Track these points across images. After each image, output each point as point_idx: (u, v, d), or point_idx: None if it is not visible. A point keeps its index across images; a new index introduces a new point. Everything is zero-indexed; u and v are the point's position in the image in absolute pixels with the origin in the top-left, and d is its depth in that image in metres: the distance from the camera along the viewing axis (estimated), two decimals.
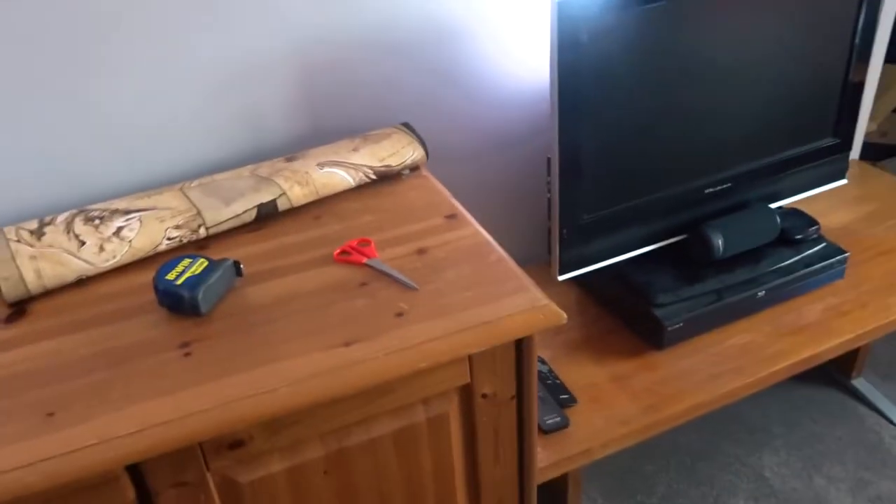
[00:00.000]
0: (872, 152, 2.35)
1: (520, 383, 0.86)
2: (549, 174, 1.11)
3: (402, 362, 0.75)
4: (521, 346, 0.83)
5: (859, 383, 1.65)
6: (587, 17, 0.98)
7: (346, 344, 0.76)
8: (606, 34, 1.01)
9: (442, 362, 0.77)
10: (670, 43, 1.07)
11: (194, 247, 0.94)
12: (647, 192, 1.18)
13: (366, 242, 0.92)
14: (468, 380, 0.82)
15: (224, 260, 0.85)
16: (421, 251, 0.90)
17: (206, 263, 0.84)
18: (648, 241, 1.22)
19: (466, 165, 1.29)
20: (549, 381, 1.13)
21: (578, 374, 1.16)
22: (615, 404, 1.10)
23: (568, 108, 1.03)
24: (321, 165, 1.01)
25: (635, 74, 1.07)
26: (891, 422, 1.57)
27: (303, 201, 0.99)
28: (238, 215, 0.95)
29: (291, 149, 1.12)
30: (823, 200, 1.48)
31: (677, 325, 1.16)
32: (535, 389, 0.87)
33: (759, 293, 1.22)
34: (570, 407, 1.10)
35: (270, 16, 1.03)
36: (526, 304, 0.80)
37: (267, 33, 1.04)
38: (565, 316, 0.80)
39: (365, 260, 0.89)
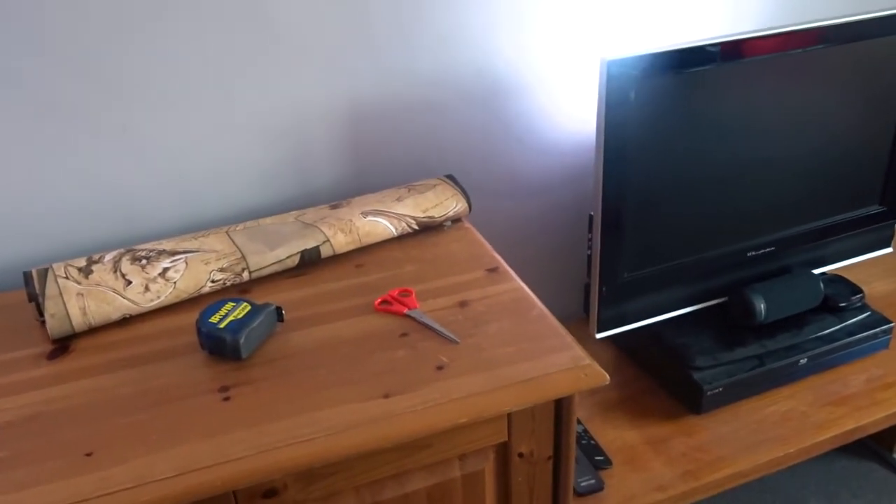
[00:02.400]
0: None
1: (557, 444, 0.84)
2: (590, 231, 1.11)
3: (441, 417, 0.74)
4: (560, 406, 0.82)
5: None
6: (635, 77, 0.99)
7: (386, 395, 0.76)
8: (653, 94, 1.02)
9: (481, 418, 0.75)
10: (717, 105, 1.08)
11: (237, 290, 0.95)
12: (688, 253, 1.17)
13: (407, 293, 0.92)
14: (506, 438, 0.81)
15: (267, 305, 0.85)
16: (462, 304, 0.90)
17: (248, 308, 0.84)
18: (689, 302, 1.20)
19: (505, 214, 1.29)
20: (584, 442, 1.11)
21: (614, 435, 1.14)
22: (651, 469, 1.07)
23: (612, 165, 1.03)
24: (365, 214, 1.02)
25: (680, 135, 1.07)
26: None
27: (346, 249, 0.99)
28: (281, 260, 0.96)
29: (337, 196, 1.14)
30: (867, 268, 1.45)
31: (717, 391, 1.14)
32: (573, 451, 0.85)
33: (801, 360, 1.19)
34: (604, 469, 1.07)
35: (325, 65, 1.05)
36: (568, 363, 0.79)
37: (320, 82, 1.06)
38: (608, 376, 0.79)
39: (406, 310, 0.88)
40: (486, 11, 1.11)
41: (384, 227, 1.02)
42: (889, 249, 1.34)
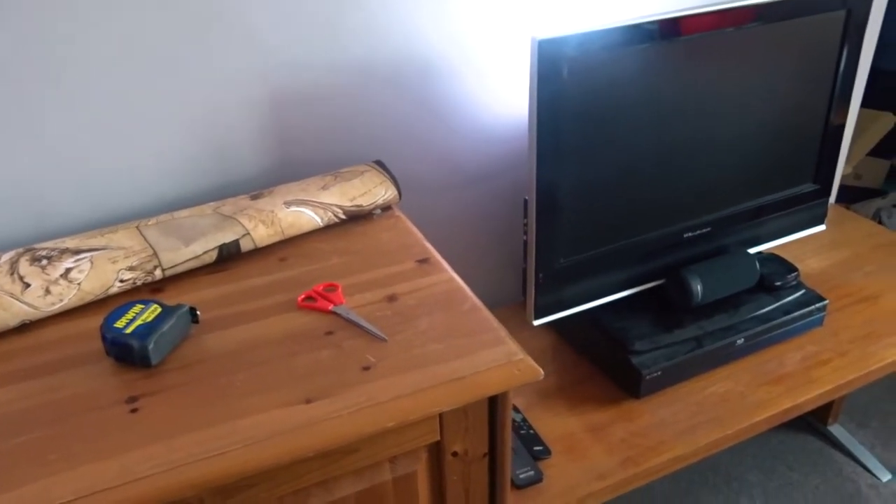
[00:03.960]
0: (847, 195, 2.37)
1: (493, 441, 0.81)
2: (525, 216, 1.08)
3: (368, 421, 0.70)
4: (494, 402, 0.79)
5: (836, 430, 1.62)
6: (568, 57, 0.96)
7: (308, 401, 0.71)
8: (587, 74, 0.99)
9: (410, 421, 0.71)
10: (652, 85, 1.05)
11: (149, 290, 0.88)
12: (625, 236, 1.15)
13: (332, 287, 0.87)
14: (438, 437, 0.77)
15: (179, 306, 0.79)
16: (391, 298, 0.86)
17: (159, 310, 0.78)
18: (626, 285, 1.18)
19: (441, 202, 1.25)
20: (523, 432, 1.08)
21: (553, 423, 1.12)
22: (591, 456, 1.06)
23: (546, 149, 1.00)
24: (288, 204, 0.96)
25: (616, 116, 1.04)
26: (867, 469, 1.54)
27: (267, 242, 0.94)
28: (198, 256, 0.90)
29: (260, 184, 1.08)
30: (801, 245, 1.46)
31: (655, 374, 1.13)
32: (508, 447, 0.82)
33: (738, 341, 1.19)
34: (544, 459, 1.05)
35: (242, 44, 0.99)
36: (501, 359, 0.76)
37: (237, 63, 1.00)
38: (542, 372, 0.76)
39: (331, 307, 0.84)
40: None
41: (308, 218, 0.96)
42: (822, 227, 1.34)
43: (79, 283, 0.84)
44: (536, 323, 1.12)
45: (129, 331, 0.75)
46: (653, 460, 1.05)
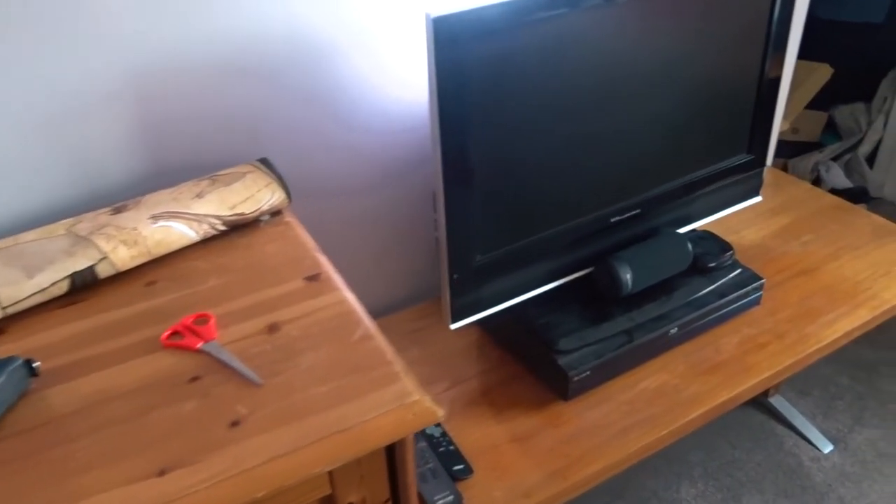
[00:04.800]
0: (785, 150, 2.31)
1: (394, 486, 0.72)
2: (435, 211, 0.97)
3: (233, 493, 0.59)
4: (392, 447, 0.69)
5: (776, 401, 1.58)
6: (468, 34, 0.84)
7: (162, 472, 0.60)
8: (491, 51, 0.87)
9: (284, 487, 0.61)
10: (564, 58, 0.94)
11: None
12: (547, 226, 1.05)
13: (204, 319, 0.75)
14: (329, 490, 0.68)
15: (10, 359, 0.67)
16: (272, 328, 0.74)
17: None
18: (551, 278, 1.09)
19: (344, 197, 1.14)
20: (442, 449, 0.99)
21: (477, 433, 1.03)
22: (517, 472, 0.97)
23: (451, 137, 0.89)
24: (155, 219, 0.84)
25: (526, 95, 0.93)
26: (809, 442, 1.51)
27: (131, 265, 0.81)
28: (44, 289, 0.77)
29: (132, 192, 0.94)
30: (737, 216, 1.39)
31: (584, 374, 1.04)
32: (413, 491, 0.73)
33: (672, 330, 1.11)
34: (465, 479, 0.96)
35: (95, 35, 0.84)
36: (393, 402, 0.66)
37: (92, 56, 0.85)
38: (440, 413, 0.66)
39: (199, 344, 0.72)
40: None
41: (180, 234, 0.84)
42: (759, 198, 1.27)
43: None
44: (454, 327, 1.03)
45: None
46: (581, 472, 0.97)
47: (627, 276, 1.08)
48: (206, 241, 0.87)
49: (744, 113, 1.17)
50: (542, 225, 1.04)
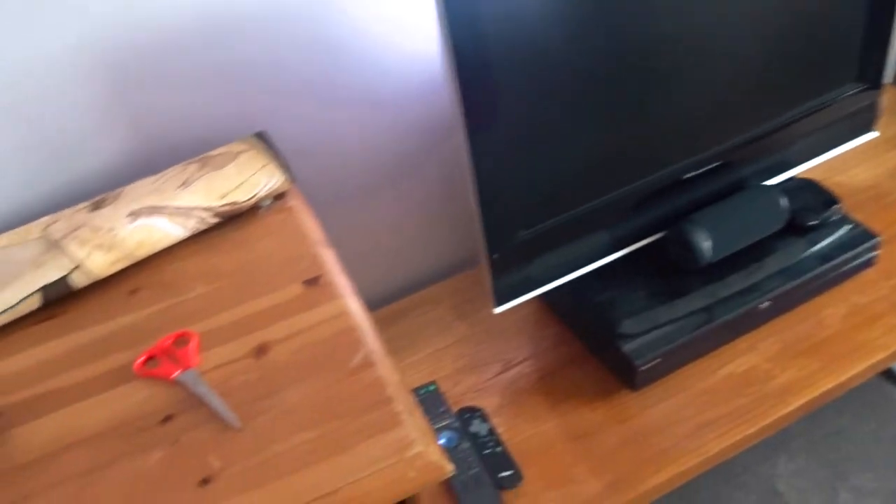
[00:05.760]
0: None
1: None
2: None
3: None
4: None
5: None
6: None
7: None
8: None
9: None
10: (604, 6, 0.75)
11: None
12: (604, 189, 0.88)
13: (185, 339, 0.64)
14: None
15: None
16: (260, 351, 0.63)
17: None
18: (613, 247, 0.93)
19: (369, 161, 1.00)
20: (488, 451, 0.87)
21: (529, 429, 0.90)
22: (574, 479, 0.85)
23: (474, 94, 0.72)
24: (134, 216, 0.73)
25: (571, 22, 0.75)
26: None
27: (110, 271, 0.71)
28: (13, 307, 0.68)
29: (116, 179, 0.84)
30: (842, 158, 1.16)
31: (653, 362, 0.89)
32: None
33: (763, 304, 0.93)
34: (513, 489, 0.84)
35: (46, 7, 0.72)
36: (390, 455, 0.53)
37: (49, 28, 0.73)
38: (449, 469, 0.53)
39: (175, 373, 0.61)
40: None
41: (163, 232, 0.73)
42: (874, 134, 1.04)
43: None
44: (498, 310, 0.89)
45: None
46: (650, 480, 0.83)
47: (706, 243, 0.90)
48: (195, 237, 0.75)
49: (852, 33, 0.93)
50: (599, 188, 0.87)
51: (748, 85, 0.89)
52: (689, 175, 0.91)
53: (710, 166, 0.92)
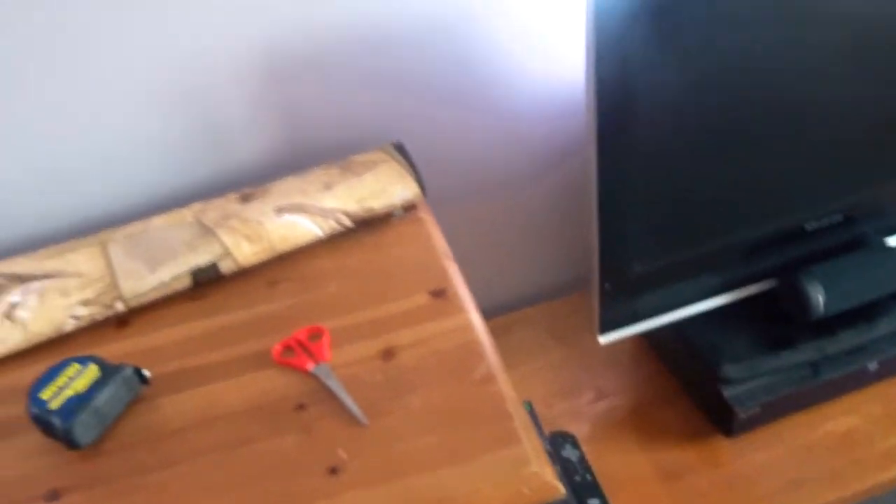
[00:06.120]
0: None
1: None
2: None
3: None
4: None
5: None
6: (636, 11, 0.69)
7: None
8: (662, 24, 0.72)
9: None
10: (755, 27, 0.76)
11: (114, 324, 0.74)
12: (723, 232, 0.89)
13: (318, 333, 0.69)
14: None
15: (121, 367, 0.65)
16: (387, 354, 0.67)
17: (96, 373, 0.64)
18: (723, 290, 0.93)
19: (486, 181, 1.03)
20: (578, 478, 0.89)
21: (619, 462, 0.92)
22: None
23: (609, 124, 0.74)
24: (280, 211, 0.78)
25: (704, 73, 0.76)
26: None
27: (254, 261, 0.77)
28: (165, 283, 0.74)
29: (262, 171, 0.90)
30: None
31: (752, 411, 0.89)
32: None
33: (871, 366, 0.92)
34: None
35: (230, 6, 0.78)
36: (508, 470, 0.57)
37: (225, 29, 0.80)
38: (563, 490, 0.56)
39: (311, 366, 0.66)
40: None
41: (305, 230, 0.78)
42: None
43: (25, 323, 0.71)
44: (603, 341, 0.91)
45: (53, 405, 0.61)
46: None
47: (820, 297, 0.90)
48: (331, 238, 0.80)
49: None
50: (717, 230, 0.88)
51: (876, 139, 0.89)
52: (810, 226, 0.91)
53: (832, 218, 0.92)
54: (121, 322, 0.74)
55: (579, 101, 0.97)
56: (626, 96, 0.73)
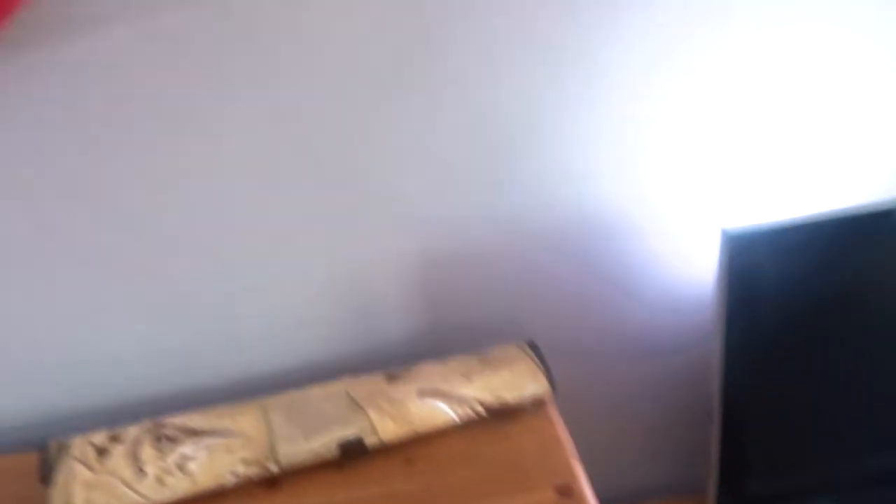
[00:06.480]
0: None
1: None
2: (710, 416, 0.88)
3: None
4: None
5: None
6: (763, 251, 0.77)
7: None
8: (790, 270, 0.79)
9: None
10: (879, 278, 0.82)
11: (265, 486, 0.82)
12: (849, 457, 0.90)
13: None
14: None
15: None
16: None
17: None
18: None
19: (606, 375, 1.09)
20: None
21: None
22: None
23: (735, 355, 0.81)
24: (423, 395, 0.86)
25: (828, 317, 0.82)
26: None
27: (394, 439, 0.84)
28: (316, 451, 0.82)
29: (402, 353, 0.99)
30: None
31: None
32: None
33: None
34: None
35: (390, 218, 0.92)
36: None
37: (384, 236, 0.93)
38: None
39: None
40: (587, 146, 0.93)
41: (444, 415, 0.85)
42: None
43: (193, 476, 0.80)
44: None
45: None
46: None
47: None
48: (465, 423, 0.87)
49: None
50: (840, 456, 0.90)
51: None
52: None
53: None
54: (271, 483, 0.82)
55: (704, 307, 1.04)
56: (748, 344, 0.80)
